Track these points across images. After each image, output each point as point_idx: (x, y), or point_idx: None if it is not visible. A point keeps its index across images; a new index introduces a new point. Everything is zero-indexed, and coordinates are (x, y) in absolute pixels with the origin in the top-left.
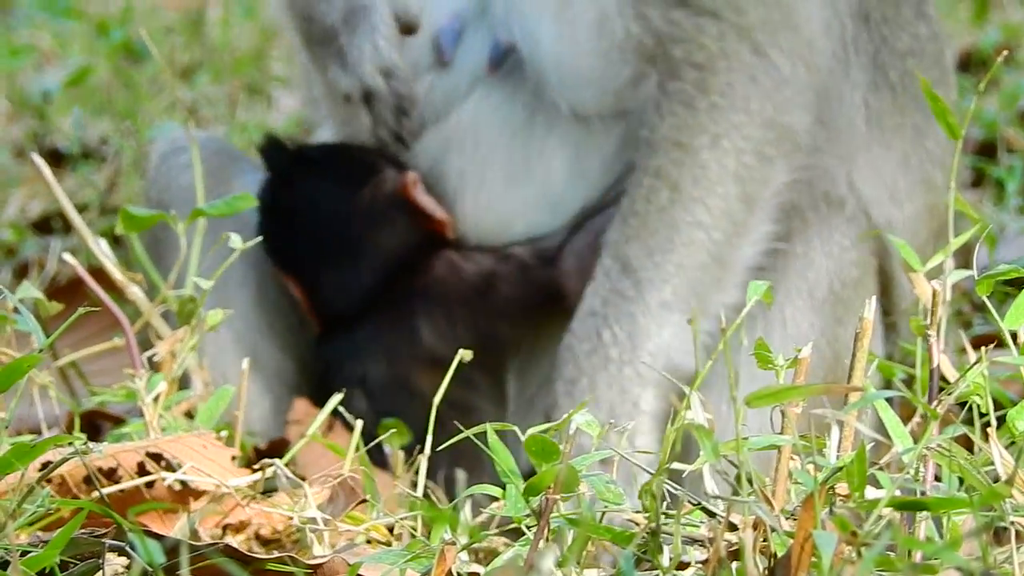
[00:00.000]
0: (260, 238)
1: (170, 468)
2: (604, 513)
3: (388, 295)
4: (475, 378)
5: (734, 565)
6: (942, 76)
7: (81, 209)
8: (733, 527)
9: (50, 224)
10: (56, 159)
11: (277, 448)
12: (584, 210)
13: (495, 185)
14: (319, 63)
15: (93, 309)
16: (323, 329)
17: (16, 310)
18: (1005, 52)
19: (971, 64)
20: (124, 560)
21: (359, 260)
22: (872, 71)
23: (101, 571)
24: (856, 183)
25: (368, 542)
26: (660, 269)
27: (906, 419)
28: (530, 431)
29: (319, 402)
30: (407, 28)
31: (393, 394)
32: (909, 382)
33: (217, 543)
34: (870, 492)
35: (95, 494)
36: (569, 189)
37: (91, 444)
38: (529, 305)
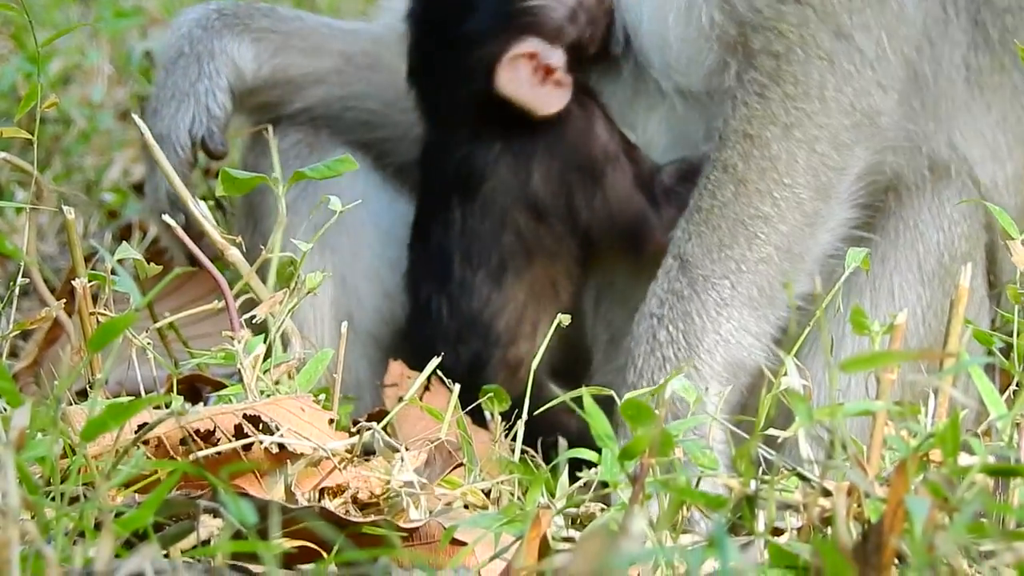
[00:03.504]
0: (359, 201)
1: (267, 431)
2: (699, 478)
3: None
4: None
5: (828, 531)
6: None
7: None
8: (827, 493)
9: None
10: None
11: (375, 412)
12: None
13: None
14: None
15: (190, 269)
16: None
17: (114, 271)
18: None
19: None
20: (219, 522)
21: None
22: (972, 30)
23: (195, 532)
24: (958, 145)
25: (465, 506)
26: (719, 265)
27: (1005, 389)
28: (627, 396)
29: (417, 360)
30: (212, 155)
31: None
32: (1008, 351)
33: (312, 506)
34: (963, 459)
35: (192, 456)
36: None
37: (188, 406)
38: (620, 211)
